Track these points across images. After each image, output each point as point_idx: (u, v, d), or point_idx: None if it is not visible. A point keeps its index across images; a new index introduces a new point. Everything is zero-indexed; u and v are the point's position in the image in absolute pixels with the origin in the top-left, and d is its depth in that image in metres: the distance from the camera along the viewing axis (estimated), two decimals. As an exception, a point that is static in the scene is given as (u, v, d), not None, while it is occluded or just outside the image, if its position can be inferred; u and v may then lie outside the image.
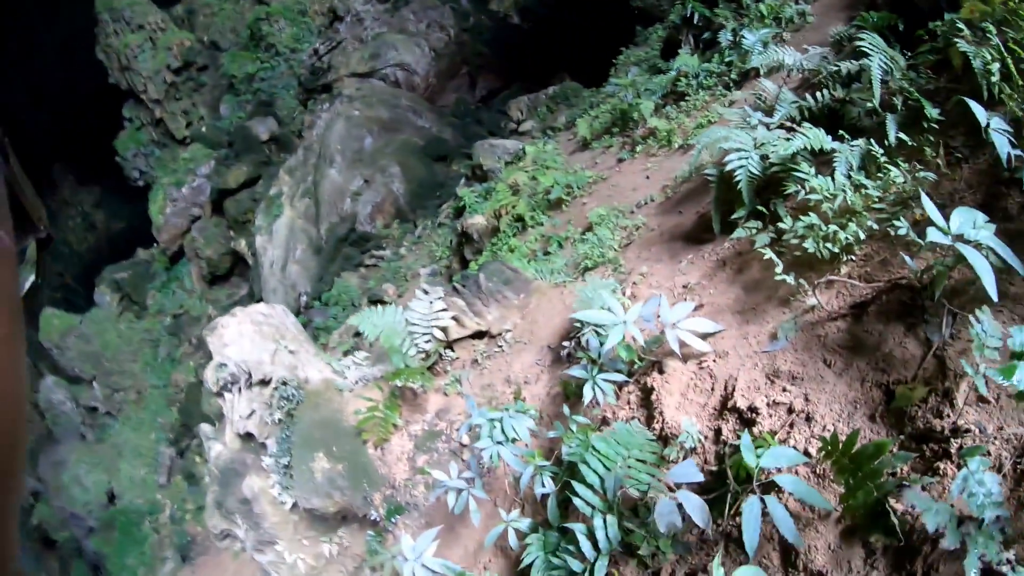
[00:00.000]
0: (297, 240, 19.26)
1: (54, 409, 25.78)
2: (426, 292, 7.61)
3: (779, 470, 3.74)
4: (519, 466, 5.01)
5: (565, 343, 6.54)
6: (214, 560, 19.24)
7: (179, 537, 22.35)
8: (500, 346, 7.48)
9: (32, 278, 0.76)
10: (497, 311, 7.83)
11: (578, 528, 4.40)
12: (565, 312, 7.26)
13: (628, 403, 5.54)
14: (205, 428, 9.12)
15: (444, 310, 7.53)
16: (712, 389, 5.10)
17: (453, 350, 7.73)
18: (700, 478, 4.01)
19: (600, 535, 4.32)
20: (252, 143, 23.78)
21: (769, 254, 5.16)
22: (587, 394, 5.31)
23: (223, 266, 23.51)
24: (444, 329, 7.48)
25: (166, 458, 22.89)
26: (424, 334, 7.46)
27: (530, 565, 4.67)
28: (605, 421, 5.56)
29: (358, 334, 14.43)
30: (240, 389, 7.98)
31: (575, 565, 4.41)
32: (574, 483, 4.51)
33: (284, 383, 7.75)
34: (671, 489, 4.13)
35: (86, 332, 25.38)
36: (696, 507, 3.86)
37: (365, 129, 19.55)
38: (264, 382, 7.86)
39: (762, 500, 3.58)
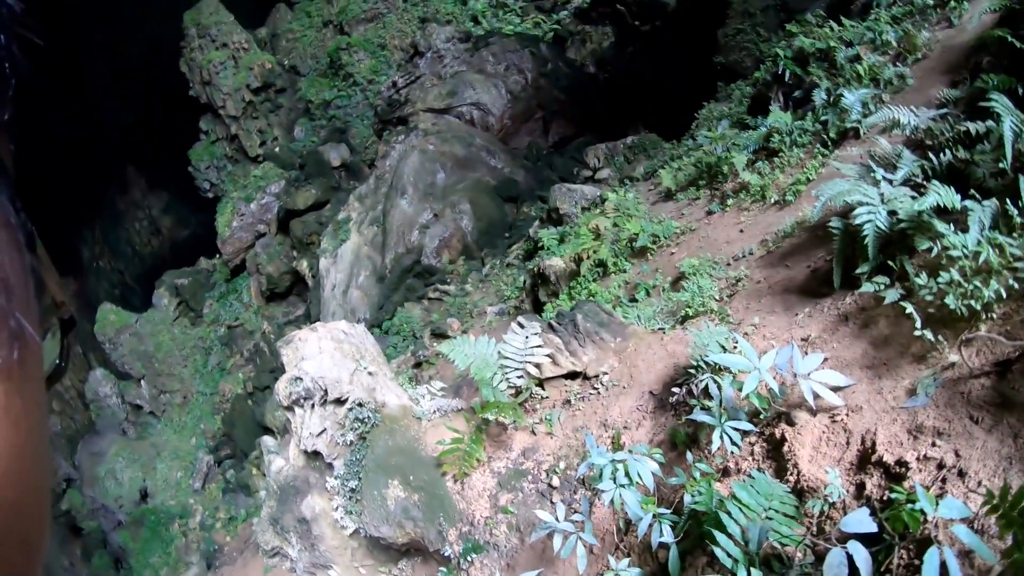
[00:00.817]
0: (361, 266, 18.92)
1: (99, 401, 25.61)
2: (522, 326, 7.07)
3: (952, 520, 3.32)
4: (638, 512, 4.42)
5: (675, 389, 5.95)
6: (240, 572, 18.66)
7: (207, 544, 21.86)
8: (596, 388, 6.90)
9: (55, 360, 0.75)
10: (593, 352, 7.26)
11: None
12: (668, 359, 6.68)
13: (752, 454, 4.95)
14: (267, 441, 8.61)
15: (540, 346, 6.98)
16: (847, 443, 4.69)
17: (544, 389, 7.16)
18: (874, 528, 3.52)
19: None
20: (323, 167, 23.69)
21: (909, 308, 4.91)
22: (715, 442, 4.73)
23: (283, 284, 23.27)
24: (538, 366, 6.93)
25: (203, 464, 22.48)
26: (516, 369, 6.91)
27: None
28: (726, 472, 4.97)
29: (418, 364, 13.99)
30: (313, 405, 7.46)
31: None
32: (715, 533, 3.92)
33: (360, 404, 7.22)
34: (829, 542, 3.60)
35: (140, 331, 25.27)
36: (864, 559, 3.43)
37: (438, 164, 19.28)
38: (340, 401, 7.34)
39: (940, 550, 3.13)
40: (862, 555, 3.41)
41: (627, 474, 4.49)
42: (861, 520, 3.45)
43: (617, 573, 4.42)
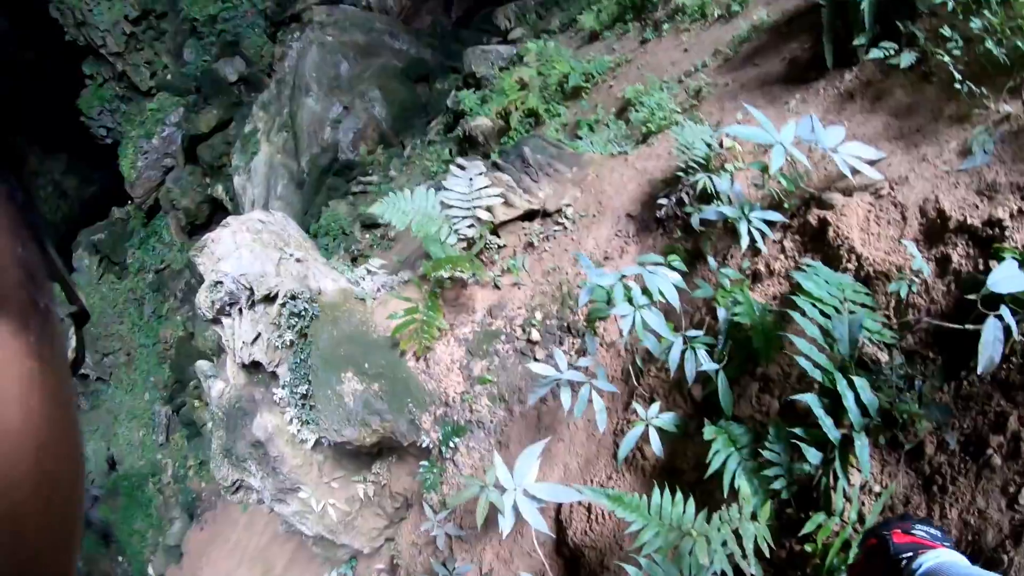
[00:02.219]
0: (278, 176, 17.19)
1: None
2: (463, 168, 5.81)
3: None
4: (668, 336, 3.34)
5: (661, 201, 4.82)
6: (223, 514, 17.66)
7: (184, 495, 20.67)
8: (560, 224, 5.75)
9: (74, 351, 0.72)
10: (549, 186, 6.06)
11: (810, 400, 2.77)
12: (640, 177, 5.53)
13: (783, 252, 3.89)
14: (202, 365, 7.31)
15: (488, 187, 5.75)
16: (903, 218, 3.65)
17: (499, 236, 5.98)
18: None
19: (849, 403, 2.70)
20: (221, 86, 21.47)
21: (945, 60, 3.96)
22: (743, 238, 3.63)
23: (202, 215, 21.31)
24: (489, 209, 5.71)
25: (162, 417, 21.01)
26: (465, 218, 5.69)
27: (709, 474, 3.07)
28: (756, 277, 3.91)
29: (354, 259, 12.56)
30: (241, 310, 6.16)
31: (811, 455, 2.81)
32: (794, 338, 2.87)
33: (294, 296, 5.94)
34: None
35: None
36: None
37: (340, 54, 17.38)
38: (269, 298, 6.05)
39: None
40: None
41: (645, 291, 3.36)
42: (1012, 276, 2.40)
43: (648, 422, 3.39)
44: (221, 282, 6.11)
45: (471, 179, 5.66)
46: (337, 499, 6.21)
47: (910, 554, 1.78)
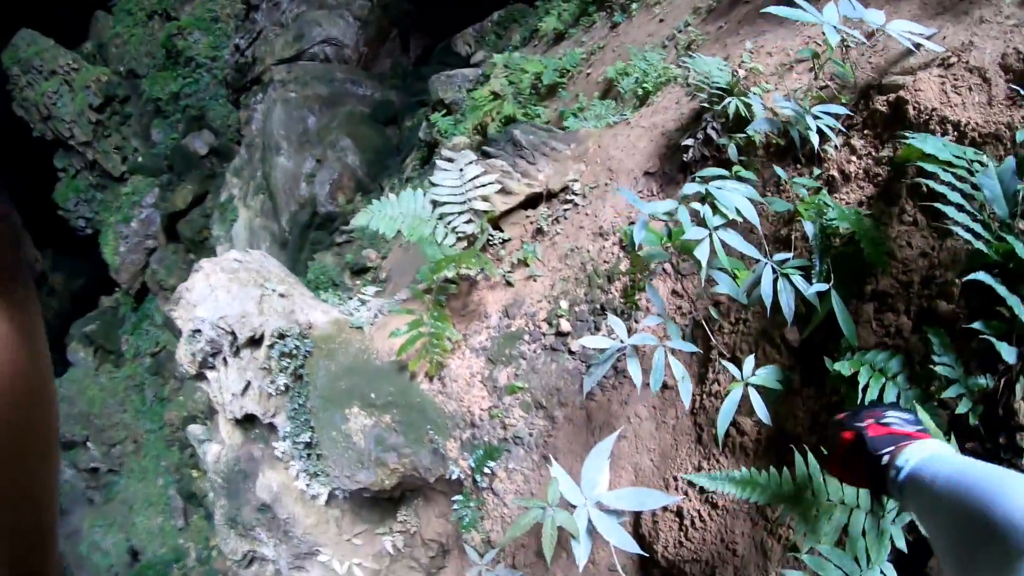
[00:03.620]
0: (259, 239, 16.32)
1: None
2: (451, 160, 4.96)
3: None
4: (756, 257, 2.48)
5: (687, 143, 3.97)
6: (251, 592, 16.36)
7: (210, 576, 19.56)
8: (569, 201, 4.89)
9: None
10: (548, 167, 5.22)
11: (983, 278, 1.94)
12: (650, 132, 4.70)
13: (854, 153, 3.03)
14: (193, 429, 6.39)
15: (482, 174, 4.91)
16: (985, 80, 2.85)
17: (502, 229, 5.12)
18: None
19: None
20: (192, 161, 20.75)
21: None
22: (813, 139, 2.79)
23: (191, 291, 20.44)
24: (487, 199, 4.86)
25: (178, 500, 19.89)
26: (461, 213, 4.83)
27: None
28: (831, 185, 3.05)
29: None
30: (225, 359, 5.27)
31: (1005, 351, 1.95)
32: (945, 208, 2.03)
33: (282, 335, 5.06)
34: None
35: (68, 394, 22.15)
36: None
37: (306, 109, 16.66)
38: (255, 340, 5.17)
39: None
40: None
41: (716, 210, 2.49)
42: None
43: (746, 382, 2.52)
44: (199, 331, 5.22)
45: (461, 170, 4.83)
46: (362, 557, 5.25)
47: (890, 449, 1.63)
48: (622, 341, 2.83)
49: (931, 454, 1.53)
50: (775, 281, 2.41)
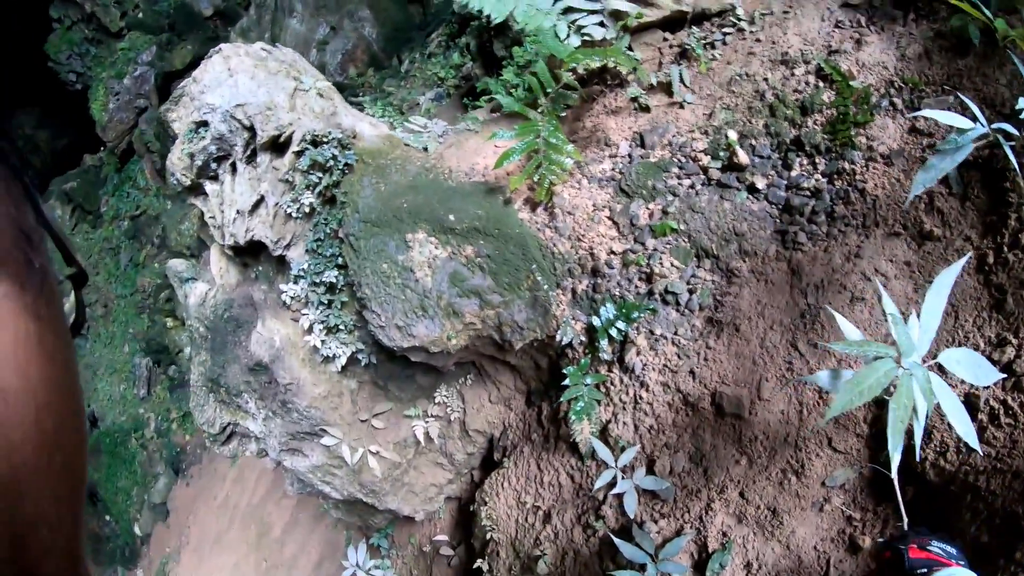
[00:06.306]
0: (262, 106, 14.47)
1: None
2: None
3: None
4: None
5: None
6: (208, 468, 15.23)
7: (168, 450, 18.16)
8: (732, 25, 3.43)
9: (74, 315, 0.67)
10: (691, -15, 3.72)
11: None
12: None
13: None
14: (175, 264, 4.85)
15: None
16: None
17: (631, 48, 3.63)
18: None
19: None
20: (195, 20, 18.60)
21: None
22: None
23: (180, 157, 18.50)
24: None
25: (143, 369, 18.32)
26: (593, 12, 3.32)
27: None
28: None
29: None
30: (235, 165, 3.72)
31: None
32: None
33: (316, 142, 3.52)
34: None
35: (39, 250, 20.30)
36: None
37: (326, -26, 14.64)
38: (278, 145, 3.62)
39: None
40: None
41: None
42: None
43: None
44: (206, 123, 3.67)
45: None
46: (381, 445, 3.86)
47: (924, 570, 1.73)
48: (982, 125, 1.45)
49: None
50: None
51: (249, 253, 4.00)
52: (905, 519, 2.10)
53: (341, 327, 3.58)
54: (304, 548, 7.94)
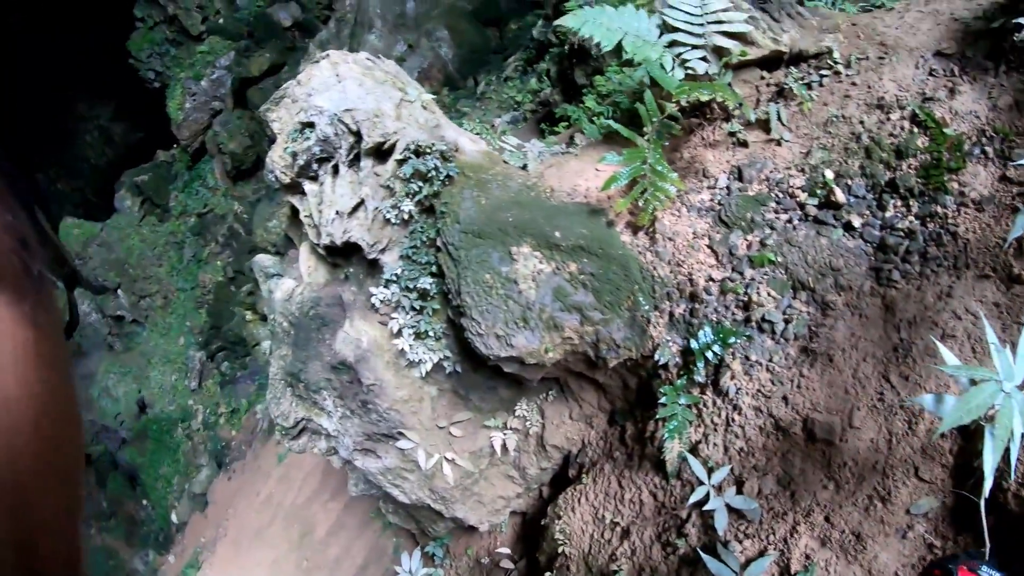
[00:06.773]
0: (335, 116, 14.84)
1: (80, 322, 21.57)
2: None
3: None
4: None
5: (1021, 20, 2.55)
6: (252, 465, 15.52)
7: (213, 443, 18.56)
8: (828, 67, 3.47)
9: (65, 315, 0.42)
10: (794, 30, 3.74)
11: None
12: (932, 18, 3.33)
13: None
14: (262, 259, 4.99)
15: (730, 9, 3.44)
16: None
17: (729, 84, 3.67)
18: None
19: None
20: (275, 30, 19.17)
21: None
22: None
23: (248, 159, 18.94)
24: (735, 37, 3.40)
25: (196, 362, 18.79)
26: (696, 47, 3.38)
27: None
28: None
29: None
30: (337, 167, 3.84)
31: None
32: None
33: (419, 152, 3.63)
34: None
35: (108, 240, 20.95)
36: None
37: (407, -7, 15.05)
38: (382, 152, 3.73)
39: None
40: None
41: None
42: None
43: None
44: (312, 124, 3.81)
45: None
46: (457, 453, 3.92)
47: None
48: None
49: None
50: None
51: (341, 254, 4.12)
52: (988, 544, 2.10)
53: (430, 334, 3.65)
54: (348, 552, 7.99)
